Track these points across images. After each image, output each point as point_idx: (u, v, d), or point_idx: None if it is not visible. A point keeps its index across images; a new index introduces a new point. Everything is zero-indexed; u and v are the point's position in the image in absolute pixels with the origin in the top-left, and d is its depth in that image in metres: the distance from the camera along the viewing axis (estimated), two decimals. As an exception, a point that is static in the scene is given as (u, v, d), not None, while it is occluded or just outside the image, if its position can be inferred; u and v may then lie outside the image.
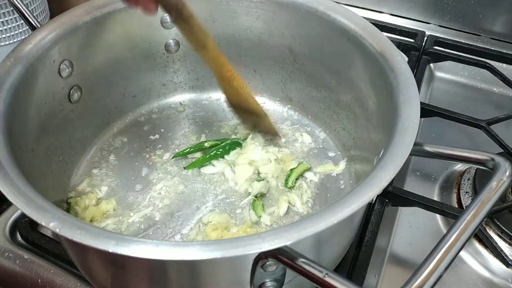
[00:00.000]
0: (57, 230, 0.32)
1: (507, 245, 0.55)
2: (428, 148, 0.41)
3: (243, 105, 0.62)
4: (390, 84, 0.47)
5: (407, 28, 0.85)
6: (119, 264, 0.38)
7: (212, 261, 0.32)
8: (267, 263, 0.34)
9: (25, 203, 0.34)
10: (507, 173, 0.34)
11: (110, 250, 0.31)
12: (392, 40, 0.55)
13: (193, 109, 0.70)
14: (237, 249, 0.31)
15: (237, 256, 0.32)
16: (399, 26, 0.85)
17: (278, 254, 0.33)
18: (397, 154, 0.39)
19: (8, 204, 0.58)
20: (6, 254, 0.53)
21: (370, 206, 0.56)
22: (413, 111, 0.43)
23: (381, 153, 0.40)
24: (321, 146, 0.65)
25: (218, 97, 0.72)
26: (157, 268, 0.36)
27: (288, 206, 0.56)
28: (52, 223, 0.32)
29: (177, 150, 0.64)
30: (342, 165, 0.61)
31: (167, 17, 0.63)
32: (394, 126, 0.42)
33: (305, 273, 0.32)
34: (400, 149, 0.39)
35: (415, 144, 0.40)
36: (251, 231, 0.53)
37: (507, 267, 0.53)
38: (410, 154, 0.40)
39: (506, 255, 0.53)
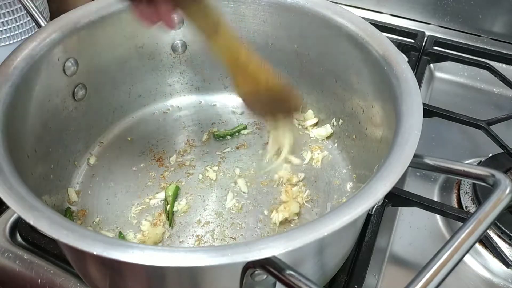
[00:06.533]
0: (45, 229, 0.32)
1: (507, 245, 0.54)
2: (428, 161, 0.40)
3: (262, 90, 0.52)
4: (394, 93, 0.46)
5: (407, 28, 0.84)
6: (109, 266, 0.38)
7: (198, 268, 0.31)
8: (256, 272, 0.34)
9: (15, 200, 0.34)
10: (506, 191, 0.33)
11: (95, 253, 0.31)
12: (392, 40, 0.54)
13: (198, 110, 0.70)
14: (223, 258, 0.31)
15: (224, 264, 0.31)
16: (399, 26, 0.84)
17: (265, 264, 0.32)
18: (395, 166, 0.38)
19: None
20: (6, 254, 0.52)
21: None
22: (415, 122, 0.41)
23: (379, 164, 0.39)
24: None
25: (224, 99, 0.71)
26: (144, 273, 0.36)
27: None
28: (41, 222, 0.32)
29: (180, 151, 0.63)
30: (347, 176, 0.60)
31: (174, 17, 0.62)
32: (395, 137, 0.41)
33: (291, 286, 0.31)
34: (399, 161, 0.38)
35: (415, 156, 0.39)
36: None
37: (507, 267, 0.53)
38: (409, 166, 0.38)
39: (506, 256, 0.52)
